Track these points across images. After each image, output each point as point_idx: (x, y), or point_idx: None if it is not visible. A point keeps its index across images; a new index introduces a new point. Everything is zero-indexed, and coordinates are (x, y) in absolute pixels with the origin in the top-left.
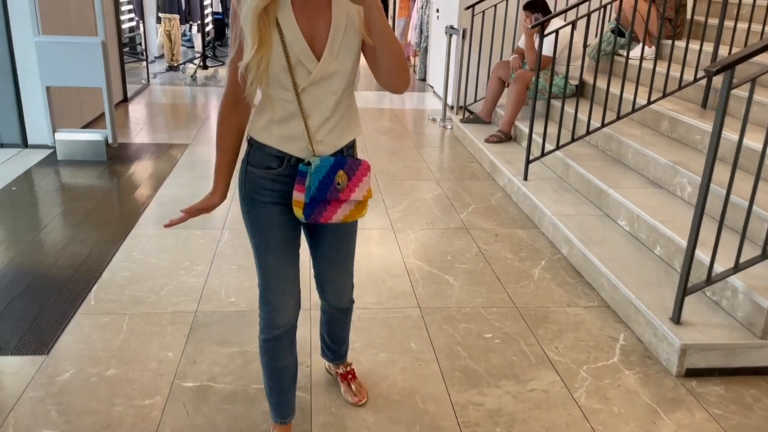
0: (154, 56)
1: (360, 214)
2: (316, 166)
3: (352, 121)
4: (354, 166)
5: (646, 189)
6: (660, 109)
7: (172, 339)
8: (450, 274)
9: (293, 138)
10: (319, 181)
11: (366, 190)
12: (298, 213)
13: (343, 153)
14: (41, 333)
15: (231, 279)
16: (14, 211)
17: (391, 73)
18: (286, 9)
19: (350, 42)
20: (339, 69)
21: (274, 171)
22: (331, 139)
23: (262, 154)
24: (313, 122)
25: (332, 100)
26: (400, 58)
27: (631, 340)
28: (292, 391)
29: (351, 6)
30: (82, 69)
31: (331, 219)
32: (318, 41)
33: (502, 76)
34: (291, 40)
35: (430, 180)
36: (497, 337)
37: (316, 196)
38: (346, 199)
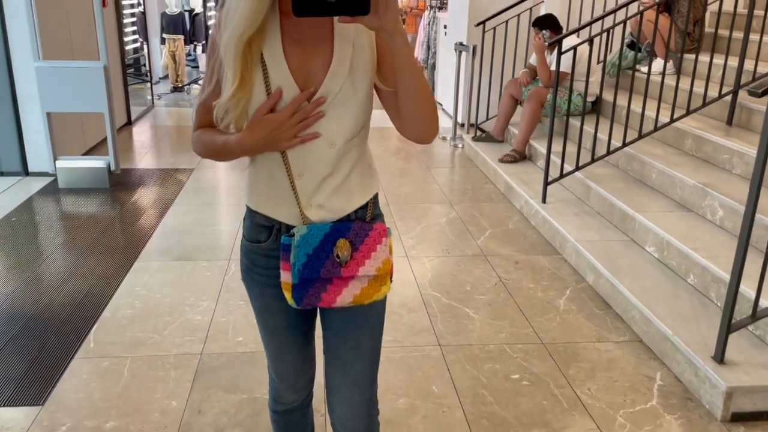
0: (158, 77)
1: (378, 293)
2: (302, 236)
3: (365, 178)
4: (362, 232)
5: (673, 212)
6: (683, 126)
7: (176, 385)
8: (470, 306)
9: (283, 202)
10: (308, 255)
11: (381, 262)
12: (288, 297)
13: (350, 217)
14: (37, 381)
15: (238, 315)
16: (13, 244)
17: (418, 120)
18: (274, 41)
19: (359, 80)
20: (343, 114)
21: (264, 245)
22: (335, 203)
23: (252, 223)
24: (307, 182)
25: (331, 155)
26: (428, 100)
27: (669, 379)
28: None
29: (360, 36)
30: (83, 94)
31: (334, 302)
32: (312, 82)
33: (514, 93)
34: (277, 80)
35: (444, 202)
36: (525, 379)
37: (305, 275)
38: (352, 275)
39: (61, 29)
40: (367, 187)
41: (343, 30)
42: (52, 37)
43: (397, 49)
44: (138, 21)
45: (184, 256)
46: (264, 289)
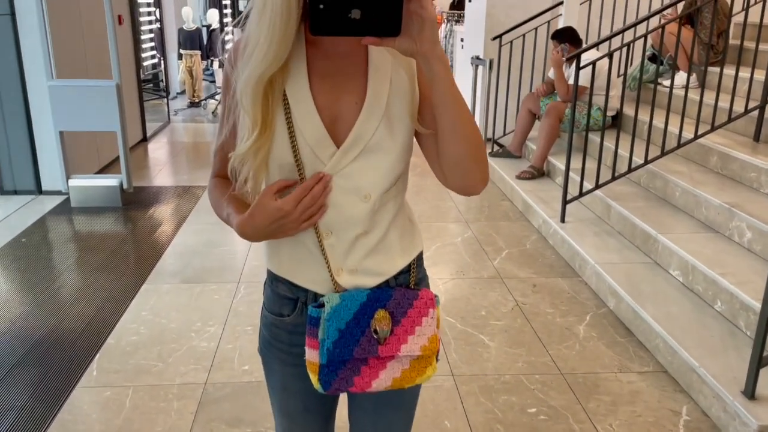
0: (175, 92)
1: (422, 376)
2: (333, 307)
3: (406, 236)
4: (404, 301)
5: (698, 234)
6: (708, 143)
7: (179, 417)
8: (485, 333)
9: (309, 265)
10: (340, 331)
11: (427, 339)
12: (314, 381)
13: (389, 283)
14: (37, 411)
15: (245, 342)
16: (24, 265)
17: (462, 165)
18: (300, 76)
19: (396, 122)
20: (376, 161)
21: (287, 320)
22: (372, 267)
23: (273, 293)
24: (338, 242)
25: (364, 210)
26: (474, 140)
27: (695, 413)
28: None
29: (399, 70)
30: (96, 113)
31: (369, 387)
32: (343, 124)
33: (532, 108)
34: (302, 124)
35: (459, 221)
36: (543, 413)
37: (336, 355)
38: (392, 355)
39: (76, 47)
40: (409, 247)
41: (381, 64)
42: (67, 55)
43: (436, 77)
44: (155, 37)
45: (193, 278)
46: (285, 367)
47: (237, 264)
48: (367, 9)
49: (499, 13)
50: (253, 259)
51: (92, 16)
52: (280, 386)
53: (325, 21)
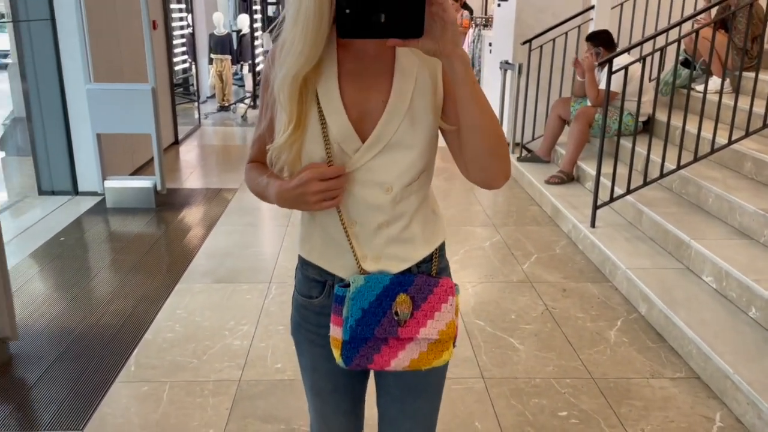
0: (205, 96)
1: (438, 359)
2: (358, 288)
3: (429, 226)
4: (425, 287)
5: (732, 240)
6: (742, 149)
7: (214, 413)
8: (515, 336)
9: (337, 252)
10: (363, 310)
11: (445, 324)
12: (336, 355)
13: (411, 270)
14: (77, 404)
15: (278, 341)
16: (62, 263)
17: (483, 160)
18: (330, 76)
19: (419, 119)
20: (397, 155)
21: (316, 301)
22: (395, 254)
23: (304, 276)
24: (362, 231)
25: (386, 201)
26: (496, 135)
27: (729, 420)
28: None
29: (424, 70)
30: (132, 115)
31: (388, 366)
32: (369, 121)
33: (561, 113)
34: (331, 119)
35: (487, 225)
36: (573, 416)
37: (358, 333)
38: (410, 337)
39: (112, 52)
40: (431, 237)
41: (406, 64)
42: (103, 59)
43: (458, 76)
44: (187, 42)
45: (226, 278)
46: (313, 348)
47: (268, 265)
48: (391, 12)
49: (528, 18)
50: (283, 261)
51: (128, 21)
52: (310, 367)
53: (351, 24)
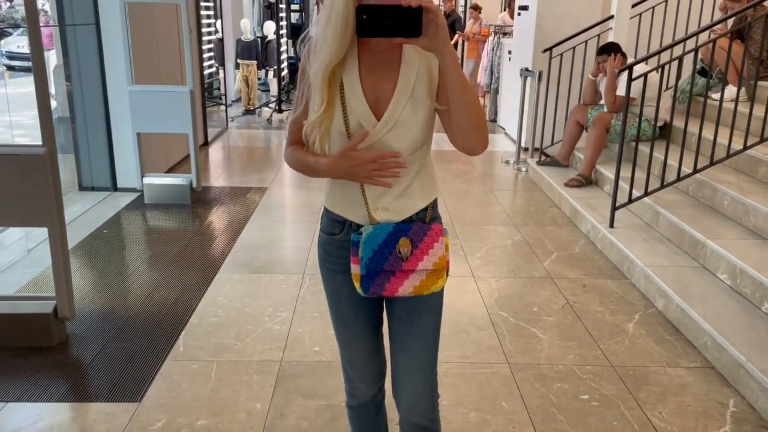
0: (231, 100)
1: (435, 285)
2: (368, 234)
3: (426, 185)
4: (421, 231)
5: (747, 240)
6: (757, 154)
7: (260, 389)
8: (538, 327)
9: (354, 204)
10: (374, 251)
11: (438, 258)
12: (357, 286)
13: (411, 219)
14: (133, 379)
15: (314, 327)
16: (105, 255)
17: (467, 131)
18: (352, 69)
19: (419, 103)
20: (403, 131)
21: (337, 237)
22: (399, 207)
23: (328, 219)
24: (374, 189)
25: None
26: (477, 114)
27: (742, 406)
28: None
29: (423, 65)
30: (170, 116)
31: (397, 292)
32: (382, 103)
33: (580, 119)
34: (353, 102)
35: (508, 225)
36: (595, 399)
37: (372, 267)
38: (412, 269)
39: (151, 55)
40: (428, 193)
41: (410, 59)
42: (143, 62)
43: (448, 66)
44: (215, 47)
45: (262, 269)
46: (336, 275)
47: (301, 258)
48: (397, 18)
49: (548, 26)
50: (314, 254)
51: (166, 27)
52: (335, 294)
53: (367, 27)
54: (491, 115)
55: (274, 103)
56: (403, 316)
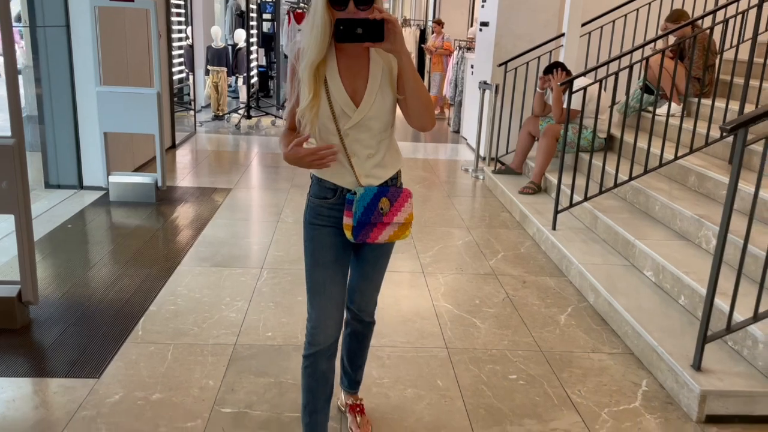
0: (201, 106)
1: (403, 234)
2: (361, 194)
3: (394, 157)
4: (396, 193)
5: (672, 241)
6: (687, 164)
7: (213, 368)
8: (477, 317)
9: (343, 174)
10: (364, 207)
11: (408, 214)
12: (348, 235)
13: (387, 183)
14: (93, 359)
15: (269, 315)
16: (68, 248)
17: (419, 113)
18: (333, 68)
19: (386, 92)
20: (376, 114)
21: (329, 200)
22: (377, 173)
23: (320, 187)
24: (358, 160)
25: (373, 141)
26: (426, 99)
27: (653, 386)
28: (324, 413)
29: (386, 63)
30: (138, 117)
31: (377, 239)
32: (358, 94)
33: (532, 130)
34: (335, 93)
35: (461, 227)
36: (522, 379)
37: (362, 220)
38: (389, 221)
39: (120, 57)
40: (395, 164)
41: (376, 59)
42: (112, 64)
43: (404, 64)
44: (185, 53)
45: (222, 263)
46: (322, 230)
47: (260, 254)
48: (365, 28)
49: (507, 43)
50: (274, 251)
51: (136, 31)
52: (318, 246)
53: (343, 35)
54: (455, 126)
55: (243, 109)
56: (370, 258)
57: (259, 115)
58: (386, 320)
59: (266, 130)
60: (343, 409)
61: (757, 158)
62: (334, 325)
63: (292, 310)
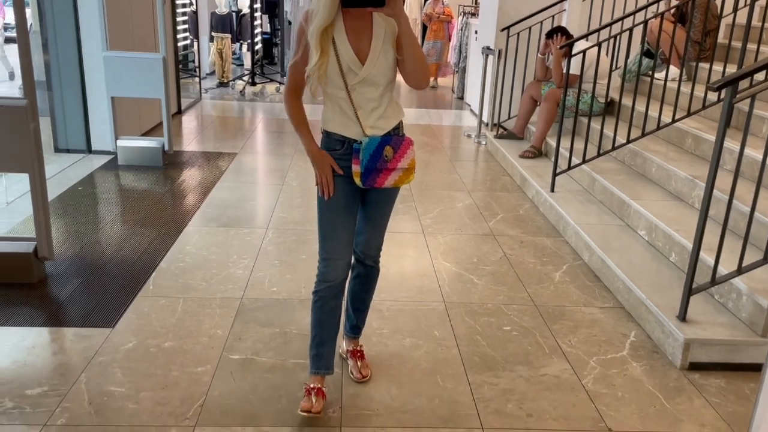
0: (206, 73)
1: (408, 179)
2: (366, 144)
3: (395, 110)
4: (398, 141)
5: (666, 201)
6: (684, 127)
7: (221, 320)
8: (475, 274)
9: (350, 126)
10: (370, 155)
11: (410, 160)
12: (357, 181)
13: (390, 133)
14: (107, 310)
15: (274, 272)
16: (80, 209)
17: (415, 73)
18: (340, 29)
19: (387, 51)
20: (379, 71)
21: (338, 151)
22: (381, 124)
23: (329, 139)
24: (364, 112)
25: (377, 95)
26: (421, 59)
27: (641, 337)
28: (330, 346)
29: (388, 26)
30: (144, 82)
31: (384, 184)
32: (363, 52)
33: (534, 94)
34: (343, 51)
35: (462, 191)
36: (515, 330)
37: (368, 166)
38: (394, 167)
39: (125, 23)
40: (397, 114)
41: (378, 22)
42: (117, 29)
43: (402, 27)
44: (189, 20)
45: (228, 224)
46: (335, 178)
47: (266, 215)
48: None
49: (510, 8)
50: (279, 212)
51: None
52: None
53: (349, 2)
54: (459, 93)
55: (247, 76)
56: (376, 204)
57: (264, 82)
58: (386, 277)
59: (271, 97)
60: (344, 355)
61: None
62: (343, 265)
63: (297, 267)
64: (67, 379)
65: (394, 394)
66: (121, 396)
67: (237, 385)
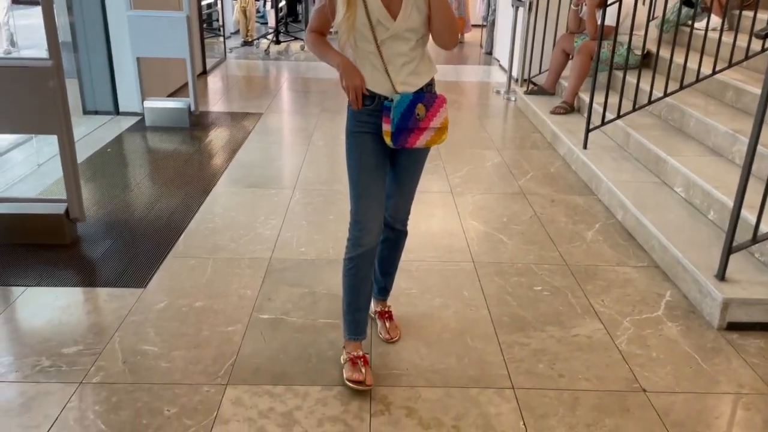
0: (230, 32)
1: (440, 139)
2: (397, 101)
3: (427, 66)
4: (431, 99)
5: (704, 157)
6: (725, 79)
7: (251, 280)
8: (504, 234)
9: (380, 81)
10: (401, 113)
11: (443, 119)
12: (388, 140)
13: (422, 90)
14: (138, 271)
15: (302, 233)
16: (109, 171)
17: (443, 32)
18: None
19: (420, 7)
20: (411, 26)
21: (368, 107)
22: (412, 80)
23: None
24: (394, 68)
25: (407, 49)
26: (449, 21)
27: (677, 296)
28: (365, 310)
29: None
30: (168, 41)
31: (415, 144)
32: (394, 6)
33: (566, 47)
34: (372, 4)
35: (491, 149)
36: (546, 290)
37: (400, 125)
38: (426, 127)
39: None
40: (429, 71)
41: None
42: None
43: None
44: None
45: (255, 184)
46: (365, 136)
47: (293, 175)
48: None
49: None
50: (306, 172)
51: None
52: (361, 151)
53: None
54: (487, 48)
55: (271, 34)
56: (405, 165)
57: (288, 40)
58: (414, 237)
59: (296, 56)
60: (372, 316)
61: None
62: (377, 227)
63: (324, 228)
64: (102, 338)
65: (424, 354)
66: (154, 355)
67: (267, 344)
